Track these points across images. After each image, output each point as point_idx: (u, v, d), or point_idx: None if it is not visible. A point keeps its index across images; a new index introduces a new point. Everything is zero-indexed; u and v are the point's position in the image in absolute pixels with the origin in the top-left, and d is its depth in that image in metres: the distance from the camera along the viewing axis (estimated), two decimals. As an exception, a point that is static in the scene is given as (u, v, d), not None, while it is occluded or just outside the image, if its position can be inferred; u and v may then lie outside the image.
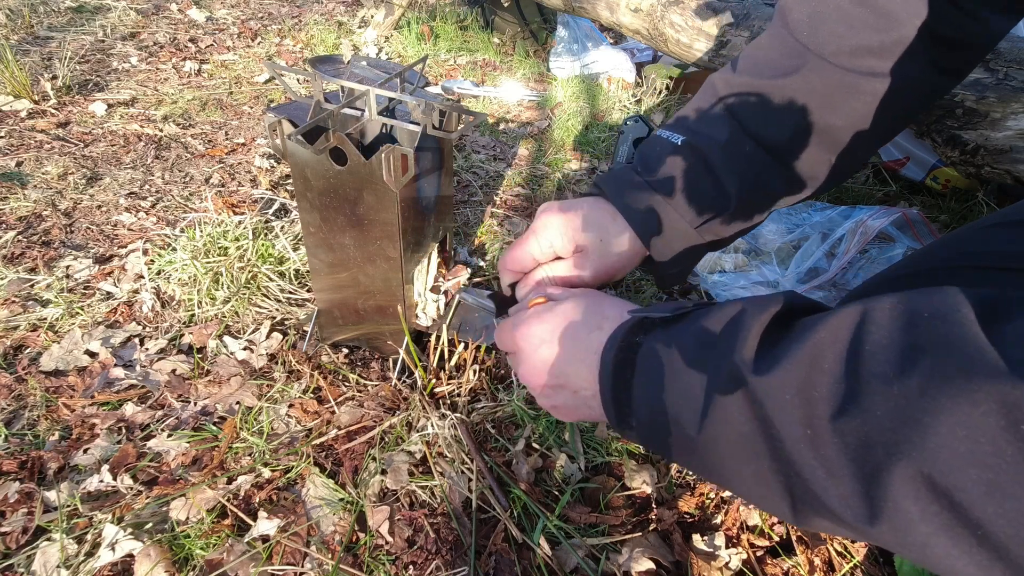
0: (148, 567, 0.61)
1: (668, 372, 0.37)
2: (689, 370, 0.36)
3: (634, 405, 0.40)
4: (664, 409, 0.37)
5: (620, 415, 0.41)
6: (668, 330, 0.40)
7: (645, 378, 0.39)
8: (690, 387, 0.36)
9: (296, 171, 0.76)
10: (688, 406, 0.36)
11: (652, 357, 0.39)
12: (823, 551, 0.65)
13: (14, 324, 0.94)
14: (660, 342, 0.39)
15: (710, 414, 0.34)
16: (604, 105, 1.98)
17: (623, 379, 0.41)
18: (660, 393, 0.38)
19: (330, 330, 0.93)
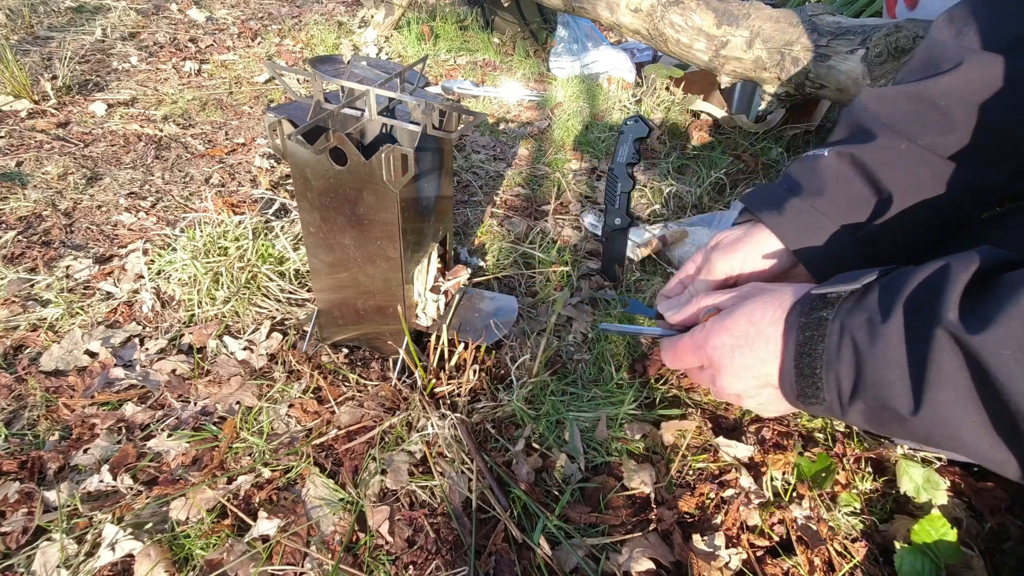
0: (148, 567, 0.61)
1: (870, 343, 0.37)
2: (890, 337, 0.36)
3: (826, 379, 0.40)
4: (864, 380, 0.37)
5: (807, 392, 0.41)
6: (858, 302, 0.39)
7: (843, 351, 0.39)
8: (894, 354, 0.35)
9: (296, 171, 0.76)
10: (893, 373, 0.35)
11: (848, 329, 0.39)
12: (823, 551, 0.65)
13: (14, 324, 0.94)
14: (850, 314, 0.39)
15: (921, 378, 0.34)
16: (604, 105, 1.98)
17: (810, 354, 0.41)
18: (864, 365, 0.37)
19: (330, 330, 0.93)
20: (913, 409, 0.35)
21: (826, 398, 0.40)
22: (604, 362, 0.93)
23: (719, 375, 0.48)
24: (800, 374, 0.42)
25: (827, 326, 0.40)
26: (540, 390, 0.86)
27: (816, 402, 0.41)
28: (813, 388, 0.41)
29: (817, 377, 0.41)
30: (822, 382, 0.40)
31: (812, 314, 0.41)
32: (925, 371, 0.34)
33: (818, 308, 0.41)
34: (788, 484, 0.72)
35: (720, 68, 1.44)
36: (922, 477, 0.69)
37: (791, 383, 0.43)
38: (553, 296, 1.08)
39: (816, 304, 0.42)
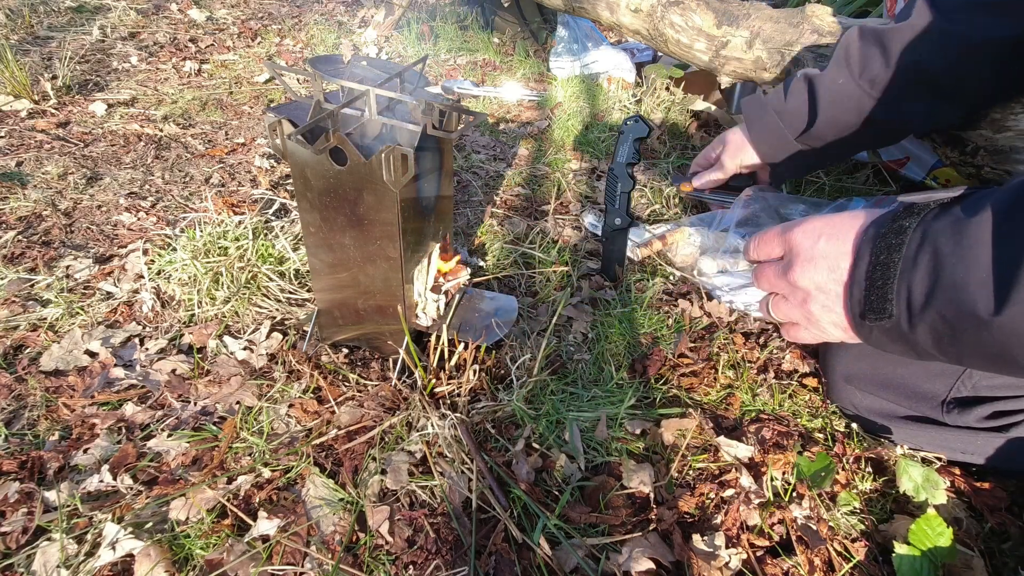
0: (148, 567, 0.61)
1: (956, 246, 0.36)
2: (977, 240, 0.35)
3: (897, 289, 0.39)
4: (948, 286, 0.36)
5: (875, 306, 0.40)
6: (953, 207, 0.38)
7: (922, 256, 0.38)
8: (979, 256, 0.34)
9: (296, 171, 0.76)
10: (976, 276, 0.34)
11: (932, 234, 0.38)
12: (823, 551, 0.65)
13: (14, 324, 0.94)
14: (945, 218, 0.38)
15: (1010, 278, 0.32)
16: (604, 105, 1.98)
17: (885, 262, 0.40)
18: (943, 269, 0.36)
19: (330, 330, 0.93)
20: (994, 310, 0.33)
21: (894, 312, 0.39)
22: (604, 362, 0.93)
23: (796, 262, 0.47)
24: (871, 285, 0.40)
25: (907, 234, 0.39)
26: (540, 390, 0.86)
27: (881, 317, 0.40)
28: (881, 302, 0.40)
29: (889, 287, 0.39)
30: (892, 294, 0.39)
31: (895, 223, 0.40)
32: (1017, 270, 0.32)
33: (901, 217, 0.41)
34: (788, 484, 0.72)
35: (720, 68, 1.44)
36: (921, 476, 0.69)
37: (859, 298, 0.41)
38: (553, 296, 1.08)
39: (901, 214, 0.41)
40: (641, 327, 1.02)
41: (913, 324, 0.39)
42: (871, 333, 0.42)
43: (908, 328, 0.39)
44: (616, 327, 1.00)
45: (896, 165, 1.44)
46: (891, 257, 0.39)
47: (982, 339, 0.35)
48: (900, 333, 0.40)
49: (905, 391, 0.73)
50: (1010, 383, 0.67)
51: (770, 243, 0.52)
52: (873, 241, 0.41)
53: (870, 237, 0.42)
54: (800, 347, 0.96)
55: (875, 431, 0.79)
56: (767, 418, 0.82)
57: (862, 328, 0.43)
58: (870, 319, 0.41)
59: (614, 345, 0.97)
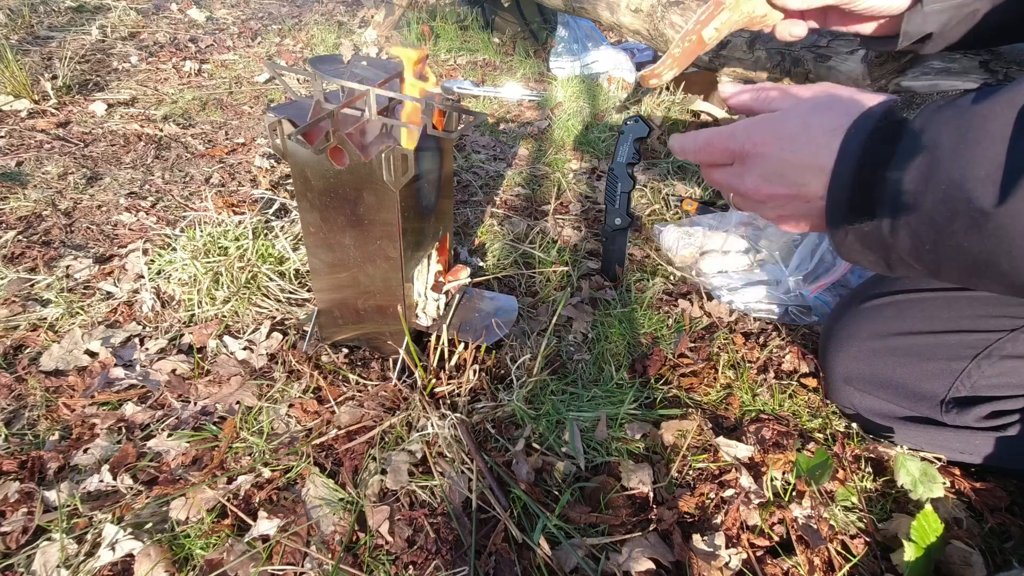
0: (148, 567, 0.61)
1: (957, 138, 0.33)
2: (994, 133, 0.31)
3: (887, 187, 0.35)
4: (943, 181, 0.33)
5: (858, 205, 0.37)
6: (953, 103, 0.35)
7: (919, 150, 0.34)
8: (997, 153, 0.31)
9: (296, 171, 0.76)
10: (988, 175, 0.31)
11: (932, 125, 0.34)
12: (823, 551, 0.65)
13: (14, 324, 0.94)
14: (948, 109, 0.35)
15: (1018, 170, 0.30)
16: (604, 105, 1.98)
17: (874, 158, 0.36)
18: (939, 163, 0.33)
19: (330, 330, 0.93)
20: (996, 202, 0.30)
21: (878, 213, 0.36)
22: (604, 362, 0.93)
23: (750, 171, 0.43)
24: (858, 183, 0.37)
25: (906, 126, 0.36)
26: (540, 390, 0.86)
27: (866, 216, 0.36)
28: (867, 201, 0.36)
29: (877, 186, 0.36)
30: (880, 191, 0.36)
31: (893, 115, 0.37)
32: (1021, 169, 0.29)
33: (899, 109, 0.37)
34: (788, 484, 0.72)
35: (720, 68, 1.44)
36: (919, 470, 0.69)
37: (842, 196, 0.38)
38: (553, 296, 1.08)
39: (898, 108, 0.38)
40: (641, 327, 1.02)
41: (895, 227, 0.35)
42: (846, 237, 0.39)
43: (889, 232, 0.36)
44: (616, 327, 1.00)
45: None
46: (885, 150, 0.36)
47: (970, 241, 0.33)
48: (878, 237, 0.37)
49: (904, 391, 0.73)
50: (1009, 382, 0.67)
51: (718, 146, 0.46)
52: (866, 134, 0.37)
53: (861, 130, 0.38)
54: (800, 346, 0.96)
55: (875, 431, 0.79)
56: (767, 418, 0.82)
57: (838, 231, 0.39)
58: (849, 220, 0.38)
59: (614, 345, 0.97)
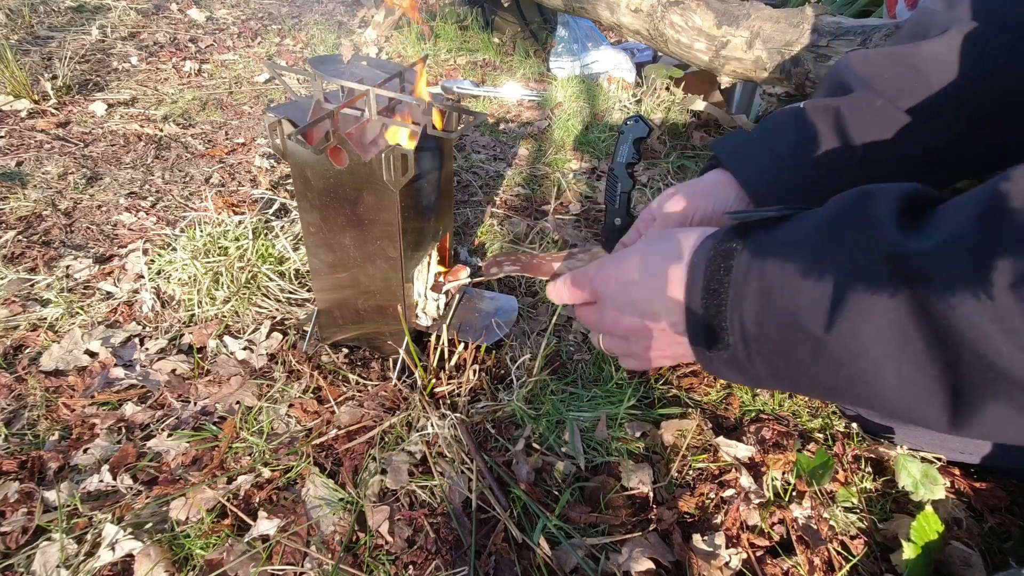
0: (148, 567, 0.61)
1: (782, 271, 0.33)
2: (814, 263, 0.32)
3: (730, 318, 0.36)
4: (778, 313, 0.33)
5: (712, 334, 0.37)
6: (777, 228, 0.36)
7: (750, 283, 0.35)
8: (816, 281, 0.32)
9: (296, 171, 0.76)
10: (814, 303, 0.32)
11: (758, 258, 0.35)
12: (823, 551, 0.65)
13: (14, 324, 0.94)
14: (768, 241, 0.35)
15: (846, 305, 0.30)
16: (604, 105, 1.98)
17: (716, 290, 0.37)
18: (772, 296, 0.34)
19: (330, 330, 0.93)
20: (826, 327, 0.31)
21: (730, 342, 0.36)
22: (604, 362, 0.93)
23: (605, 311, 0.45)
24: (707, 314, 0.37)
25: (735, 256, 0.36)
26: (540, 390, 0.86)
27: (722, 347, 0.37)
28: (719, 331, 0.37)
29: (723, 317, 0.36)
30: (727, 322, 0.36)
31: (722, 245, 0.38)
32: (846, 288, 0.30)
33: (728, 239, 0.38)
34: (788, 484, 0.72)
35: (720, 68, 1.44)
36: (920, 472, 0.69)
37: (698, 327, 0.38)
38: (553, 296, 1.08)
39: (728, 235, 0.38)
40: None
41: (750, 356, 0.36)
42: (712, 362, 0.39)
43: (745, 359, 0.36)
44: (616, 327, 1.00)
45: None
46: (721, 282, 0.37)
47: (816, 369, 0.33)
48: (739, 364, 0.37)
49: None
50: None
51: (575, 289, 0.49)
52: (704, 265, 0.38)
53: (700, 260, 0.39)
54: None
55: (875, 431, 0.79)
56: (767, 418, 0.82)
57: (703, 356, 0.40)
58: (710, 348, 0.38)
59: (614, 345, 0.97)
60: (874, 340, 0.30)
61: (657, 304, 0.41)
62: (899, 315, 0.29)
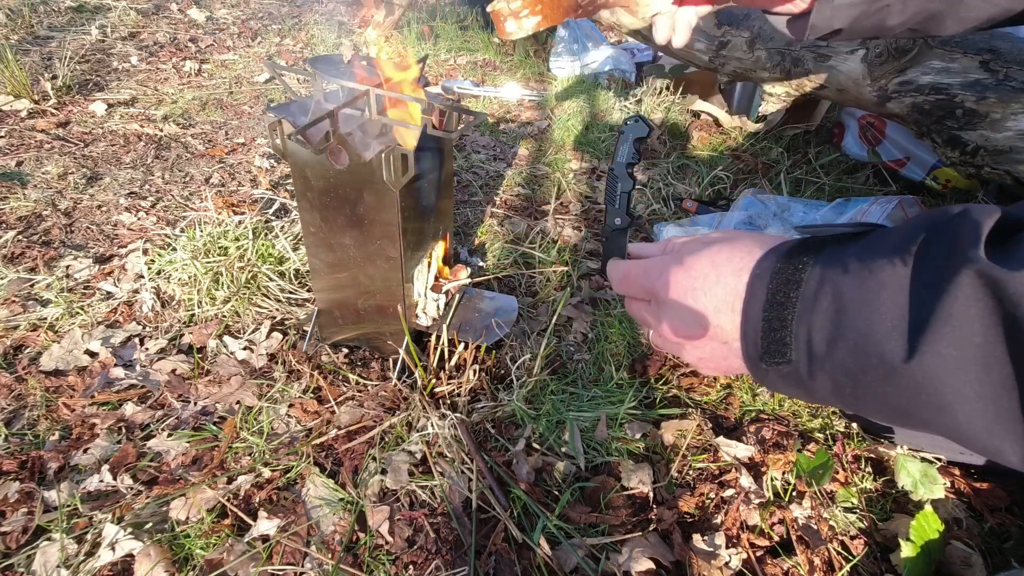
0: (148, 567, 0.61)
1: (858, 290, 0.32)
2: (894, 285, 0.31)
3: (796, 333, 0.35)
4: (852, 334, 0.32)
5: (771, 348, 0.36)
6: (851, 245, 0.35)
7: (821, 299, 0.34)
8: (897, 304, 0.31)
9: (296, 171, 0.76)
10: (893, 327, 0.30)
11: (832, 274, 0.34)
12: (823, 551, 0.65)
13: (14, 324, 0.94)
14: (843, 257, 0.34)
15: (929, 331, 0.29)
16: (604, 105, 1.98)
17: (781, 303, 0.36)
18: (846, 315, 0.33)
19: (330, 330, 0.93)
20: (906, 357, 0.30)
21: (792, 357, 0.35)
22: (604, 362, 0.93)
23: (664, 314, 0.44)
24: (768, 327, 0.37)
25: (806, 271, 0.35)
26: (540, 390, 0.86)
27: (781, 362, 0.36)
28: (780, 345, 0.36)
29: (787, 331, 0.35)
30: (791, 337, 0.35)
31: (791, 258, 0.37)
32: (930, 316, 0.29)
33: (798, 252, 0.37)
34: (788, 484, 0.72)
35: (720, 68, 1.44)
36: (919, 471, 0.69)
37: (756, 340, 0.38)
38: (553, 296, 1.08)
39: (797, 248, 0.37)
40: (640, 327, 1.02)
41: (813, 372, 0.35)
42: (767, 375, 0.38)
43: (807, 375, 0.36)
44: (616, 327, 1.00)
45: (896, 165, 1.44)
46: (788, 295, 0.36)
47: (886, 391, 0.32)
48: (798, 379, 0.36)
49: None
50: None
51: (634, 282, 0.47)
52: (769, 276, 0.37)
53: (765, 271, 0.38)
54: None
55: (875, 431, 0.79)
56: (767, 418, 0.82)
57: (757, 369, 0.39)
58: (766, 362, 0.37)
59: (614, 345, 0.97)
60: (958, 368, 0.29)
61: (722, 316, 0.40)
62: (987, 341, 0.28)
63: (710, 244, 0.43)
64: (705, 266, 0.42)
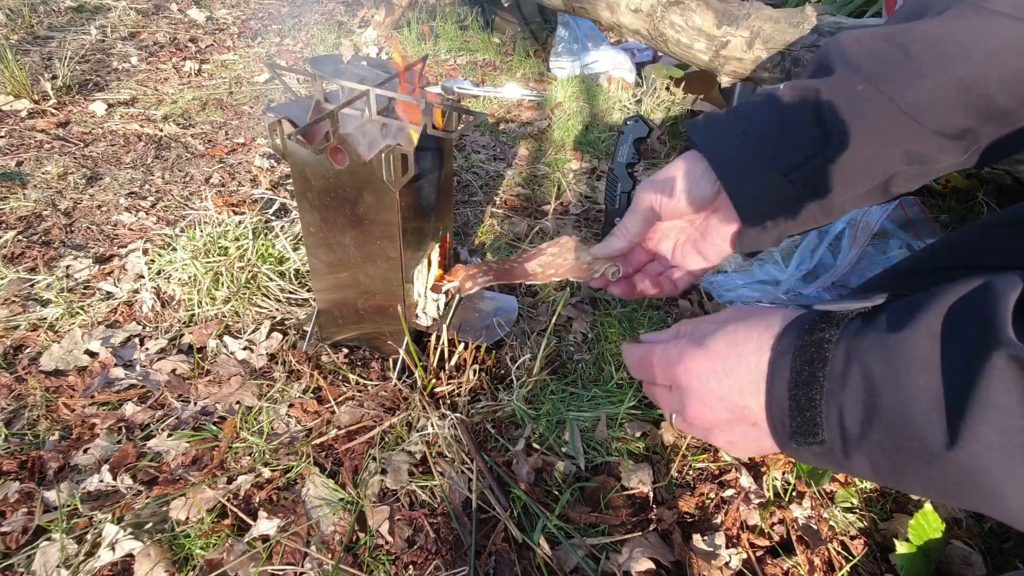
0: (148, 567, 0.61)
1: (889, 369, 0.31)
2: (926, 363, 0.30)
3: (826, 413, 0.34)
4: (887, 416, 0.31)
5: (800, 427, 0.35)
6: (876, 319, 0.34)
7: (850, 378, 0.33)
8: (931, 384, 0.29)
9: (296, 171, 0.76)
10: (930, 409, 0.29)
11: (858, 351, 0.33)
12: (823, 551, 0.65)
13: (14, 324, 0.94)
14: (869, 333, 0.33)
15: (969, 415, 0.28)
16: (604, 105, 1.98)
17: (807, 382, 0.35)
18: (878, 396, 0.31)
19: (330, 330, 0.93)
20: (948, 443, 0.29)
21: (825, 437, 0.34)
22: (604, 362, 0.93)
23: (688, 400, 0.42)
24: (796, 407, 0.35)
25: (830, 349, 0.34)
26: (540, 390, 0.86)
27: (812, 442, 0.35)
28: (810, 425, 0.35)
29: (816, 411, 0.34)
30: (821, 417, 0.34)
31: (813, 334, 0.35)
32: (968, 400, 0.28)
33: (819, 328, 0.35)
34: (788, 484, 0.72)
35: (720, 68, 1.44)
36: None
37: (783, 419, 0.36)
38: (553, 296, 1.08)
39: (817, 324, 0.36)
40: (641, 327, 1.02)
41: (848, 452, 0.34)
42: (799, 453, 0.37)
43: (843, 455, 0.34)
44: (616, 327, 1.00)
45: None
46: (814, 374, 0.34)
47: (930, 475, 0.31)
48: (833, 458, 0.35)
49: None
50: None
51: (652, 370, 0.46)
52: (792, 354, 0.36)
53: (786, 348, 0.36)
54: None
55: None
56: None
57: (789, 448, 0.38)
58: (797, 441, 0.36)
59: (614, 345, 0.97)
60: (1003, 453, 0.28)
61: (747, 397, 0.39)
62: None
63: (725, 324, 0.42)
64: (723, 347, 0.40)
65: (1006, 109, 0.42)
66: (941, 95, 0.43)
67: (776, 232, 0.51)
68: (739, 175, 0.50)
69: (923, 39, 0.43)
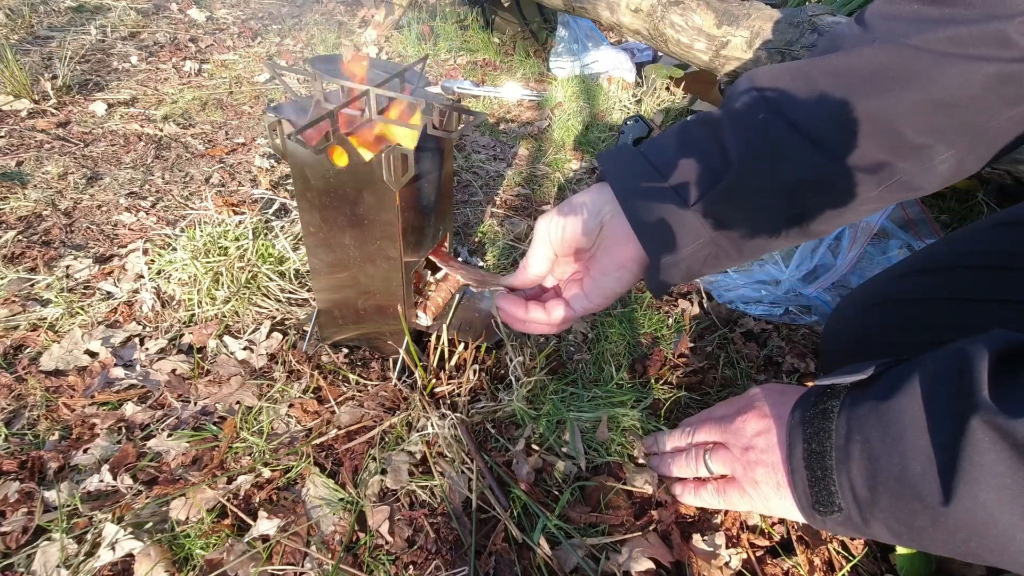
0: (148, 567, 0.61)
1: (884, 436, 0.33)
2: (915, 429, 0.32)
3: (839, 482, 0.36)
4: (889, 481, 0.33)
5: (821, 498, 0.37)
6: (871, 388, 0.36)
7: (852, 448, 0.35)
8: (922, 448, 0.31)
9: (296, 171, 0.76)
10: (925, 471, 0.31)
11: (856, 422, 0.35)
12: (823, 551, 0.65)
13: (14, 324, 0.94)
14: (864, 402, 0.35)
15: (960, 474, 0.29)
16: (604, 105, 1.98)
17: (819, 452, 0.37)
18: (878, 463, 0.33)
19: (330, 330, 0.93)
20: (943, 500, 0.30)
21: (842, 505, 0.36)
22: (604, 362, 0.93)
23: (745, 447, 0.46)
24: (812, 476, 0.37)
25: (833, 419, 0.37)
26: (540, 390, 0.86)
27: (832, 511, 0.37)
28: (827, 494, 0.37)
29: (830, 480, 0.36)
30: (835, 486, 0.36)
31: (818, 406, 0.38)
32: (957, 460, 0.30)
33: (825, 398, 0.38)
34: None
35: (720, 68, 1.44)
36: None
37: (804, 491, 0.38)
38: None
39: (821, 396, 0.38)
40: (641, 327, 1.02)
41: (866, 519, 0.36)
42: (824, 524, 0.39)
43: (861, 523, 0.36)
44: (616, 327, 1.00)
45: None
46: (823, 445, 0.37)
47: (942, 536, 0.32)
48: (855, 526, 0.37)
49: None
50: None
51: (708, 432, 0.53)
52: (802, 425, 0.38)
53: (798, 421, 0.39)
54: (800, 346, 0.96)
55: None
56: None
57: (814, 519, 0.39)
58: (819, 511, 0.38)
59: (614, 345, 0.97)
60: (998, 508, 0.29)
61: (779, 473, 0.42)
62: (1015, 481, 0.28)
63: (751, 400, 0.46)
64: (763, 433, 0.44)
65: (919, 144, 0.40)
66: (848, 126, 0.41)
67: (684, 266, 0.49)
68: (639, 203, 0.48)
69: (832, 72, 0.42)
